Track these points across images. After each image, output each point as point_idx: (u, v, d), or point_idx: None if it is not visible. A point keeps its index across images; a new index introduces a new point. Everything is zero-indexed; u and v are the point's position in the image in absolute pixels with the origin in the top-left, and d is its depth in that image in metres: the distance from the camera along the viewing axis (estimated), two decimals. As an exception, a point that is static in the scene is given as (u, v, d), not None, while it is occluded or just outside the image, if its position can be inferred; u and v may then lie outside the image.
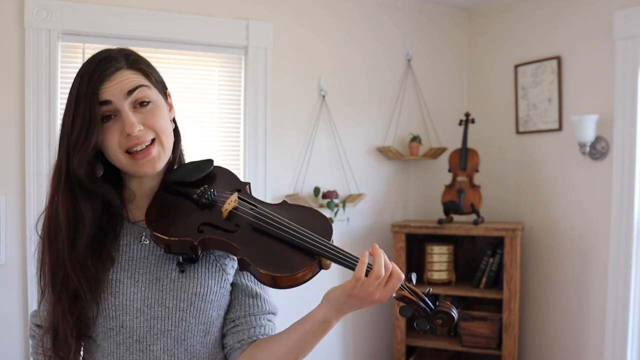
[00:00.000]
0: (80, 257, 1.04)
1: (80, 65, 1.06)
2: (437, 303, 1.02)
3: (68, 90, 1.07)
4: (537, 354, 3.36)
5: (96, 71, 1.02)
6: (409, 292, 1.01)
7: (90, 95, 1.00)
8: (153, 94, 1.07)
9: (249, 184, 1.17)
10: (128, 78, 1.03)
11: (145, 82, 1.06)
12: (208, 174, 1.16)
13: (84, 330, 1.06)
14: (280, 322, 1.17)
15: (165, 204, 1.11)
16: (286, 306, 1.23)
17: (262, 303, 1.14)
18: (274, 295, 1.19)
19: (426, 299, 1.01)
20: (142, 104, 1.05)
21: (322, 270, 1.03)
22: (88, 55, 2.69)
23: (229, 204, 1.07)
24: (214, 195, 1.10)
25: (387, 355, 3.61)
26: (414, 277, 1.04)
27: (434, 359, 3.52)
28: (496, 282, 3.24)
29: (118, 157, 1.05)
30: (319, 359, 3.39)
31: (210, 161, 1.18)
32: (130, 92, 1.03)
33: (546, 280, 3.31)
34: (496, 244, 3.28)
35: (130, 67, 1.05)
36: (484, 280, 3.25)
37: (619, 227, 2.87)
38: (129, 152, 1.05)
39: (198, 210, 1.09)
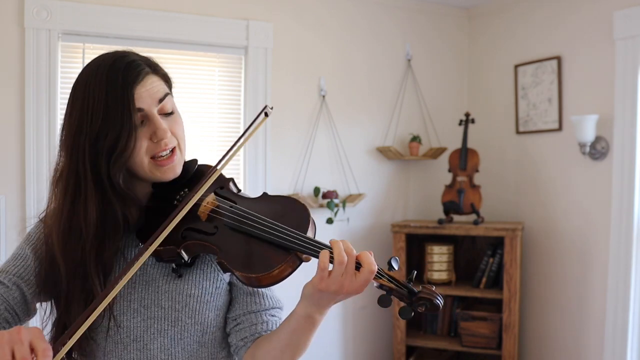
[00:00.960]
0: (107, 265, 1.03)
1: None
2: (420, 288, 0.95)
3: (68, 90, 1.05)
4: (537, 354, 3.37)
5: (128, 76, 1.00)
6: (388, 279, 0.95)
7: (127, 101, 0.99)
8: (173, 102, 1.10)
9: (232, 179, 1.17)
10: (157, 85, 1.05)
11: (168, 89, 1.10)
12: (192, 175, 1.15)
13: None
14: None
15: (152, 212, 1.10)
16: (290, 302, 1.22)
17: (261, 299, 1.14)
18: (279, 290, 1.18)
19: (408, 285, 0.94)
20: (167, 114, 1.07)
21: (310, 263, 1.01)
22: (88, 55, 2.72)
23: (205, 205, 1.07)
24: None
25: (387, 355, 3.61)
26: (394, 262, 0.96)
27: (434, 359, 3.52)
28: (496, 282, 3.24)
29: (143, 162, 1.04)
30: (319, 359, 3.39)
31: (193, 162, 1.17)
32: (161, 100, 1.05)
33: (546, 280, 3.31)
34: (496, 244, 3.28)
35: (155, 72, 1.07)
36: (484, 280, 3.25)
37: (619, 227, 2.87)
38: (153, 157, 1.05)
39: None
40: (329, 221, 3.21)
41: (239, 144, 1.05)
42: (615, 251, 2.89)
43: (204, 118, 3.02)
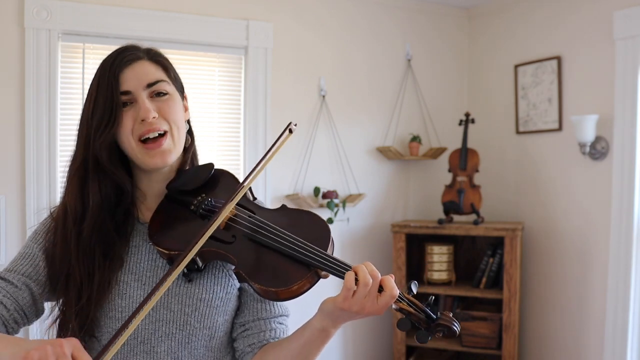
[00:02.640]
0: (87, 249, 1.04)
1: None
2: (438, 315, 0.96)
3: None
4: (537, 354, 3.36)
5: (117, 58, 1.05)
6: (408, 304, 0.95)
7: (112, 80, 1.03)
8: (170, 88, 1.10)
9: (249, 187, 1.15)
10: (148, 70, 1.06)
11: (165, 77, 1.09)
12: (208, 180, 1.14)
13: (91, 330, 1.05)
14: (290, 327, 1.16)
15: (167, 215, 1.10)
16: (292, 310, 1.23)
17: (271, 307, 1.13)
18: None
19: (427, 310, 0.95)
20: (159, 94, 1.07)
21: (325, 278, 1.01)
22: (88, 55, 2.72)
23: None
24: (211, 204, 1.08)
25: (387, 355, 3.61)
26: (414, 286, 0.97)
27: (434, 359, 3.52)
28: (496, 282, 3.24)
29: (130, 144, 1.05)
30: (319, 358, 3.39)
31: (210, 166, 1.16)
32: (150, 85, 1.06)
33: (546, 280, 3.31)
34: (496, 244, 3.28)
35: (150, 59, 1.08)
36: (484, 280, 3.25)
37: (619, 227, 2.87)
38: (141, 141, 1.06)
39: (197, 220, 1.08)
40: (329, 221, 3.21)
41: (265, 160, 1.05)
42: (615, 251, 2.89)
43: (204, 118, 3.02)
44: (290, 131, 1.08)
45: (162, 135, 1.06)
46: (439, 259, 3.31)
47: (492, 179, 3.62)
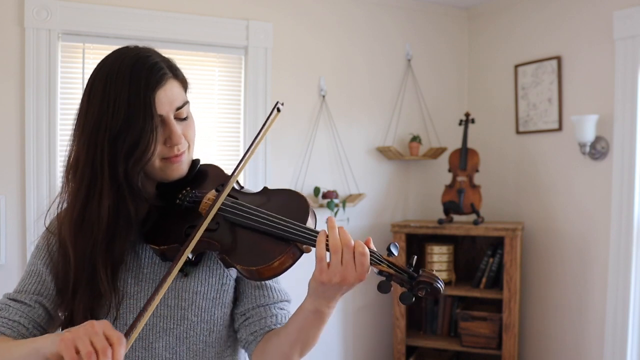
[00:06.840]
0: (116, 260, 1.03)
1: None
2: (420, 272, 0.94)
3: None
4: (537, 354, 3.37)
5: (151, 79, 1.00)
6: (387, 265, 0.94)
7: (149, 105, 0.99)
8: (189, 107, 1.11)
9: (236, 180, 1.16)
10: (177, 92, 1.06)
11: (186, 96, 1.10)
12: (195, 175, 1.16)
13: None
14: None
15: (157, 213, 1.11)
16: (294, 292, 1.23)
17: (270, 292, 1.14)
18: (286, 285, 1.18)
19: (407, 269, 0.94)
20: (181, 118, 1.08)
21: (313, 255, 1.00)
22: (88, 55, 2.71)
23: (205, 202, 1.08)
24: (195, 195, 1.10)
25: (387, 355, 3.61)
26: (394, 248, 0.95)
27: (434, 359, 3.52)
28: (496, 282, 3.24)
29: (154, 163, 1.05)
30: (319, 358, 3.39)
31: (195, 161, 1.17)
32: (179, 108, 1.06)
33: (546, 280, 3.31)
34: (496, 244, 3.28)
35: (175, 77, 1.07)
36: (484, 280, 3.25)
37: (619, 227, 2.87)
38: (163, 157, 1.07)
39: (184, 213, 1.09)
40: (329, 221, 3.21)
41: (256, 142, 1.07)
42: (615, 251, 2.89)
43: (204, 118, 3.02)
44: (278, 110, 1.09)
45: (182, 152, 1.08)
46: (439, 259, 3.31)
47: (492, 179, 3.62)
